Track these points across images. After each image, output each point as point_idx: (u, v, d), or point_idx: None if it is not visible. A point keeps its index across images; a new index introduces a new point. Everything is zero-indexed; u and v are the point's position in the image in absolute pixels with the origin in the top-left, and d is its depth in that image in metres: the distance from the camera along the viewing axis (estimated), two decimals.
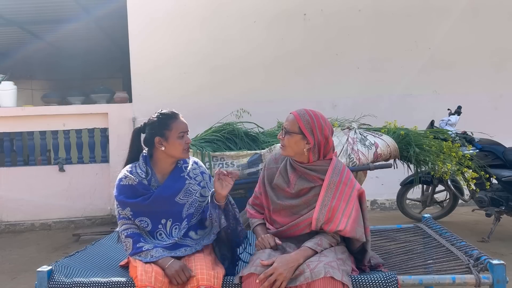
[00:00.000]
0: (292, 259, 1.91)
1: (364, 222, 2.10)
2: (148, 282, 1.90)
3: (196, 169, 2.25)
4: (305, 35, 6.30)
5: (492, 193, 4.50)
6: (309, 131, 2.06)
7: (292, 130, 2.08)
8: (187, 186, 2.18)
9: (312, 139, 2.06)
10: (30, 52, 9.14)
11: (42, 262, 3.08)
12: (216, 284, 1.94)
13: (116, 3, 6.42)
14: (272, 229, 2.16)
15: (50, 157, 6.98)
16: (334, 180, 2.05)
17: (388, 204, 6.27)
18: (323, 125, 2.08)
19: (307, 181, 2.09)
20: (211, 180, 2.26)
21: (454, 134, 4.50)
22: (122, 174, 2.18)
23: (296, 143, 2.07)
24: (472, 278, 1.94)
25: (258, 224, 2.25)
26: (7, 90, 6.21)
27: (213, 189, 2.12)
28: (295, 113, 2.11)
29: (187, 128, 2.22)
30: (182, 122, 2.21)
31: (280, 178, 2.15)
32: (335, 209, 2.02)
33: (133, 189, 2.14)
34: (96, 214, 6.06)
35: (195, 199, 2.19)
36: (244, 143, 3.61)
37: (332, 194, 2.04)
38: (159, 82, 6.20)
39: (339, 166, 2.10)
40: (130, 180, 2.15)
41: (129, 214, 2.13)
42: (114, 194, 2.17)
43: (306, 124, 2.06)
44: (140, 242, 2.08)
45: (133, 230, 2.12)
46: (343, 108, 5.43)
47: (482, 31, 6.34)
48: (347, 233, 2.02)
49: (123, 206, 2.13)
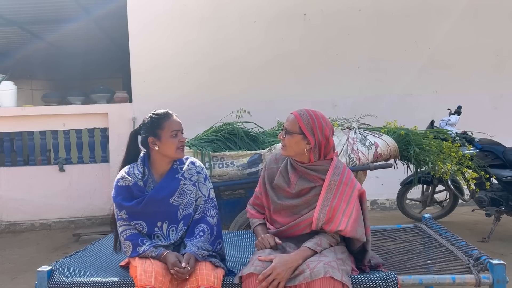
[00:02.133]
0: (291, 260, 1.91)
1: (364, 222, 2.10)
2: (148, 282, 1.90)
3: (191, 169, 2.23)
4: (305, 35, 6.30)
5: (492, 193, 4.50)
6: (310, 131, 2.05)
7: (292, 130, 2.08)
8: (181, 186, 2.16)
9: (312, 139, 2.05)
10: (30, 52, 9.14)
11: (42, 262, 3.08)
12: (216, 284, 1.94)
13: (116, 3, 6.42)
14: (273, 229, 2.16)
15: (50, 157, 6.97)
16: (335, 180, 2.05)
17: (388, 204, 6.27)
18: (324, 125, 2.08)
19: (308, 181, 2.09)
20: (207, 180, 2.25)
21: (454, 134, 4.50)
22: (120, 175, 2.18)
23: (297, 143, 2.07)
24: (472, 278, 1.94)
25: (259, 224, 2.24)
26: (7, 90, 6.21)
27: (207, 188, 2.20)
28: (296, 113, 2.11)
29: (180, 127, 2.20)
30: (175, 121, 2.19)
31: (280, 178, 2.14)
32: (335, 209, 2.02)
33: (129, 190, 2.13)
34: (96, 214, 6.07)
35: (190, 199, 2.17)
36: (244, 143, 3.61)
37: (332, 194, 2.04)
38: (159, 82, 6.20)
39: (339, 166, 2.10)
40: (127, 181, 2.15)
41: (125, 217, 2.13)
42: (112, 195, 2.16)
43: (307, 124, 2.06)
44: (139, 246, 2.07)
45: (132, 232, 2.12)
46: (343, 108, 5.43)
47: (482, 31, 6.34)
48: (348, 233, 2.02)
49: (120, 208, 2.13)
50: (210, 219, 2.18)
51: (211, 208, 2.21)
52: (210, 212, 2.19)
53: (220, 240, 2.19)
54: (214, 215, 2.20)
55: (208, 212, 2.19)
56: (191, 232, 2.14)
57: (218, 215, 2.24)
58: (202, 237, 2.11)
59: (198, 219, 2.17)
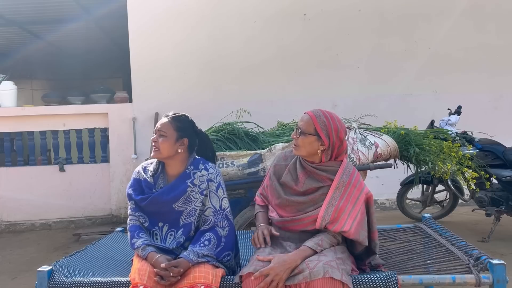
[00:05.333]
0: (289, 260, 1.90)
1: (371, 226, 2.10)
2: (141, 281, 1.89)
3: (203, 176, 2.14)
4: (305, 35, 6.30)
5: (492, 193, 4.51)
6: (325, 133, 2.04)
7: (307, 131, 2.06)
8: (188, 193, 2.11)
9: (327, 141, 2.04)
10: (30, 52, 9.14)
11: (42, 262, 3.07)
12: (214, 282, 1.92)
13: (116, 3, 6.42)
14: (276, 217, 2.15)
15: (50, 157, 6.98)
16: (344, 181, 2.05)
17: (388, 204, 6.27)
18: (339, 127, 2.06)
19: (316, 181, 2.08)
20: (220, 189, 2.16)
21: (454, 134, 4.50)
22: (138, 167, 2.26)
23: (311, 144, 2.06)
24: (472, 278, 1.93)
25: (261, 211, 2.26)
26: (7, 90, 6.21)
27: (219, 198, 2.13)
28: (311, 114, 2.08)
29: (159, 127, 2.16)
30: (159, 122, 2.21)
31: (288, 176, 2.14)
32: (341, 210, 2.01)
33: (140, 184, 2.18)
34: (96, 214, 6.07)
35: (193, 208, 2.11)
36: (244, 143, 3.60)
37: (340, 195, 2.03)
38: (159, 81, 6.20)
39: (349, 168, 2.10)
40: (140, 175, 2.21)
41: (133, 207, 2.17)
42: (128, 185, 2.23)
43: (323, 125, 2.04)
44: (134, 238, 2.08)
45: (133, 223, 2.15)
46: (343, 108, 5.42)
47: (482, 31, 6.34)
48: (351, 235, 2.01)
49: (129, 198, 2.19)
50: (219, 229, 2.09)
51: (222, 220, 2.12)
52: (221, 223, 2.11)
53: (229, 253, 2.09)
54: (225, 226, 2.11)
55: (219, 223, 2.10)
56: (196, 239, 2.08)
57: (231, 226, 2.15)
58: (207, 246, 2.03)
59: (206, 229, 2.09)
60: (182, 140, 2.16)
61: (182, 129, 2.18)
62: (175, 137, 2.15)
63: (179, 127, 2.17)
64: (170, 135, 2.14)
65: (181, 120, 2.21)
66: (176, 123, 2.18)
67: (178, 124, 2.18)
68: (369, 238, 2.10)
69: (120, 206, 6.02)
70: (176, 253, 2.07)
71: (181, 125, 2.19)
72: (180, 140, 2.16)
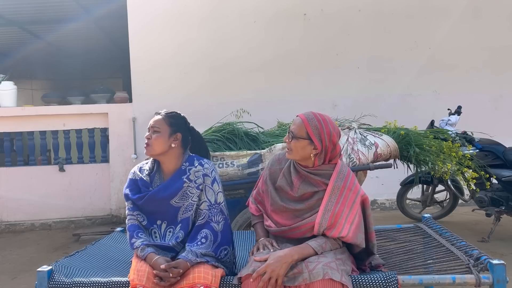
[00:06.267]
0: (285, 255, 1.87)
1: (369, 227, 2.09)
2: (139, 282, 1.89)
3: (199, 171, 2.16)
4: (305, 35, 6.30)
5: (492, 193, 4.51)
6: (317, 137, 2.00)
7: (299, 135, 2.03)
8: (184, 189, 2.12)
9: (320, 145, 2.01)
10: (30, 52, 9.14)
11: (42, 262, 3.07)
12: (213, 282, 1.91)
13: (116, 3, 6.42)
14: (273, 228, 2.13)
15: (50, 157, 6.97)
16: (339, 185, 2.02)
17: (388, 204, 6.27)
18: (332, 131, 2.02)
19: (311, 185, 2.05)
20: (215, 183, 2.16)
21: (454, 134, 4.50)
22: (134, 167, 2.26)
23: (303, 148, 2.02)
24: (472, 278, 1.93)
25: (259, 222, 2.24)
26: (7, 90, 6.21)
27: (214, 192, 2.12)
28: (303, 117, 2.05)
29: (151, 124, 2.19)
30: (152, 119, 2.22)
31: (283, 180, 2.11)
32: (338, 215, 1.99)
33: (136, 184, 2.19)
34: (96, 214, 6.07)
35: (190, 203, 2.12)
36: (244, 143, 3.60)
37: (335, 199, 2.00)
38: (159, 82, 6.20)
39: (344, 171, 2.06)
40: (136, 175, 2.22)
41: (130, 207, 2.18)
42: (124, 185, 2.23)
43: (315, 129, 2.01)
44: (133, 238, 2.09)
45: (132, 222, 2.15)
46: (343, 108, 5.42)
47: (482, 31, 6.34)
48: (349, 239, 1.99)
49: (126, 198, 2.20)
50: (215, 225, 2.09)
51: (217, 214, 2.11)
52: (215, 218, 2.10)
53: (226, 247, 2.10)
54: (219, 221, 2.11)
55: (214, 218, 2.10)
56: (192, 237, 2.08)
57: (226, 220, 2.15)
58: (204, 244, 2.04)
59: (202, 225, 2.09)
60: (176, 135, 2.19)
61: (175, 124, 2.21)
62: (168, 132, 2.17)
63: (172, 122, 2.21)
64: (163, 130, 2.17)
65: (174, 116, 2.25)
66: (169, 119, 2.21)
67: (171, 120, 2.21)
68: (366, 239, 2.09)
69: (120, 206, 6.02)
70: (176, 249, 2.08)
71: (174, 120, 2.22)
72: (174, 135, 2.18)
